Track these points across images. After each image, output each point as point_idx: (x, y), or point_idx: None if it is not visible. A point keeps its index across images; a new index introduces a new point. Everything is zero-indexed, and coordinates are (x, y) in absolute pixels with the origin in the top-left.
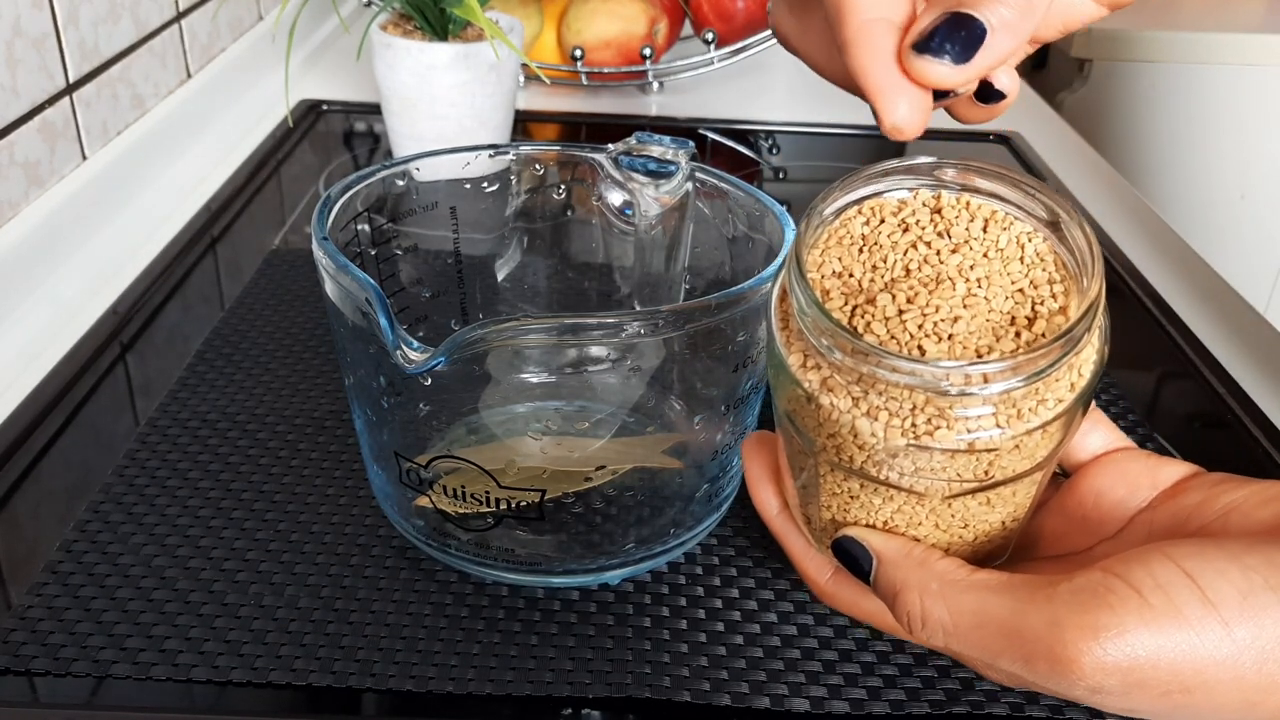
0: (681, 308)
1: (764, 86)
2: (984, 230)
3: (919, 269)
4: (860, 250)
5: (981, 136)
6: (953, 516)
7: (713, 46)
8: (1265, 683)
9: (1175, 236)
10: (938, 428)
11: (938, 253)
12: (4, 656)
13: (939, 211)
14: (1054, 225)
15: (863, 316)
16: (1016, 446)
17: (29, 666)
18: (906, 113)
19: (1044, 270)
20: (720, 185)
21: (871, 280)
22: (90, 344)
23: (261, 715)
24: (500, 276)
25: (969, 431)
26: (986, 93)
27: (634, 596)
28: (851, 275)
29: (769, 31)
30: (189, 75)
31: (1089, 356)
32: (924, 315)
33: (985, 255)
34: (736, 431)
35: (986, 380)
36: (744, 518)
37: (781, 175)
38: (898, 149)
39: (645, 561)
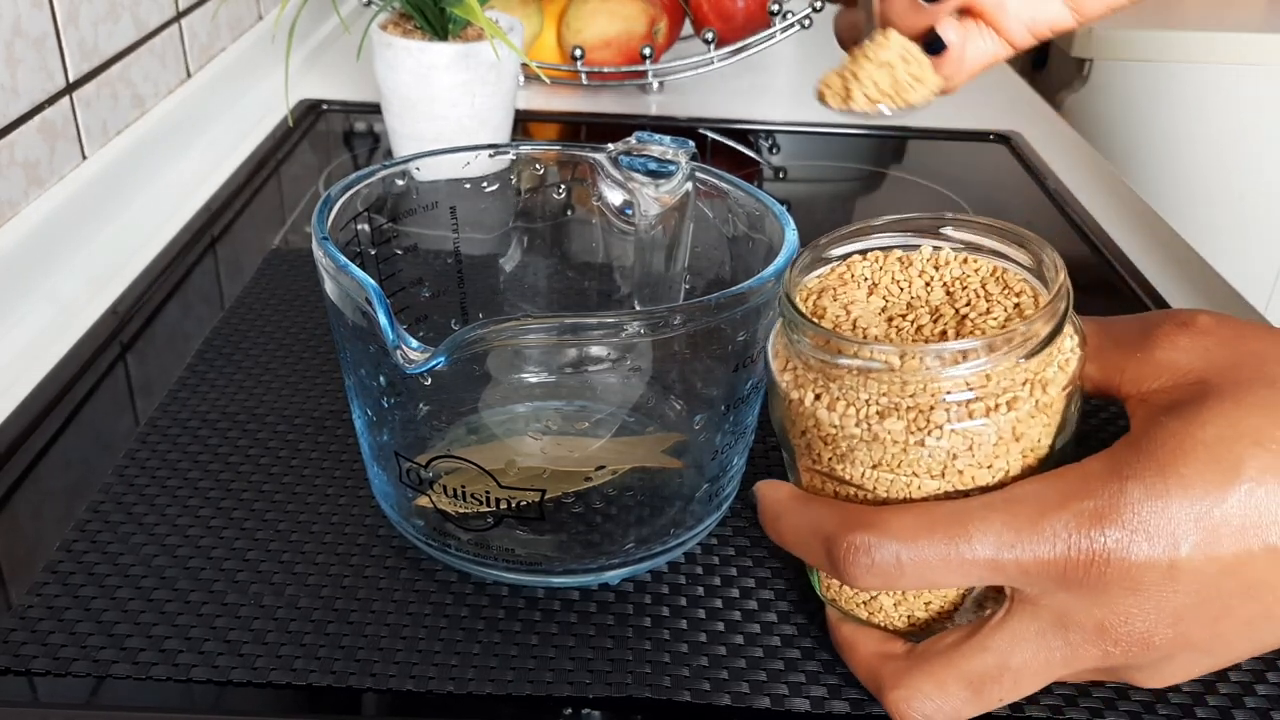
0: (681, 308)
1: (764, 86)
2: (979, 280)
3: (910, 303)
4: (859, 286)
5: (982, 137)
6: None
7: (713, 46)
8: None
9: (1175, 236)
10: (887, 416)
11: (927, 288)
12: (4, 656)
13: (937, 265)
14: (1038, 271)
15: (848, 325)
16: (969, 448)
17: (29, 666)
18: None
19: (1026, 302)
20: (720, 185)
21: (864, 306)
22: (90, 344)
23: (261, 715)
24: (500, 276)
25: (919, 427)
26: (931, 44)
27: (634, 596)
28: (844, 298)
29: (769, 31)
30: (189, 75)
31: (1052, 377)
32: (903, 325)
33: (973, 295)
34: (737, 431)
35: (922, 362)
36: (745, 517)
37: (781, 175)
38: (897, 150)
39: (645, 561)
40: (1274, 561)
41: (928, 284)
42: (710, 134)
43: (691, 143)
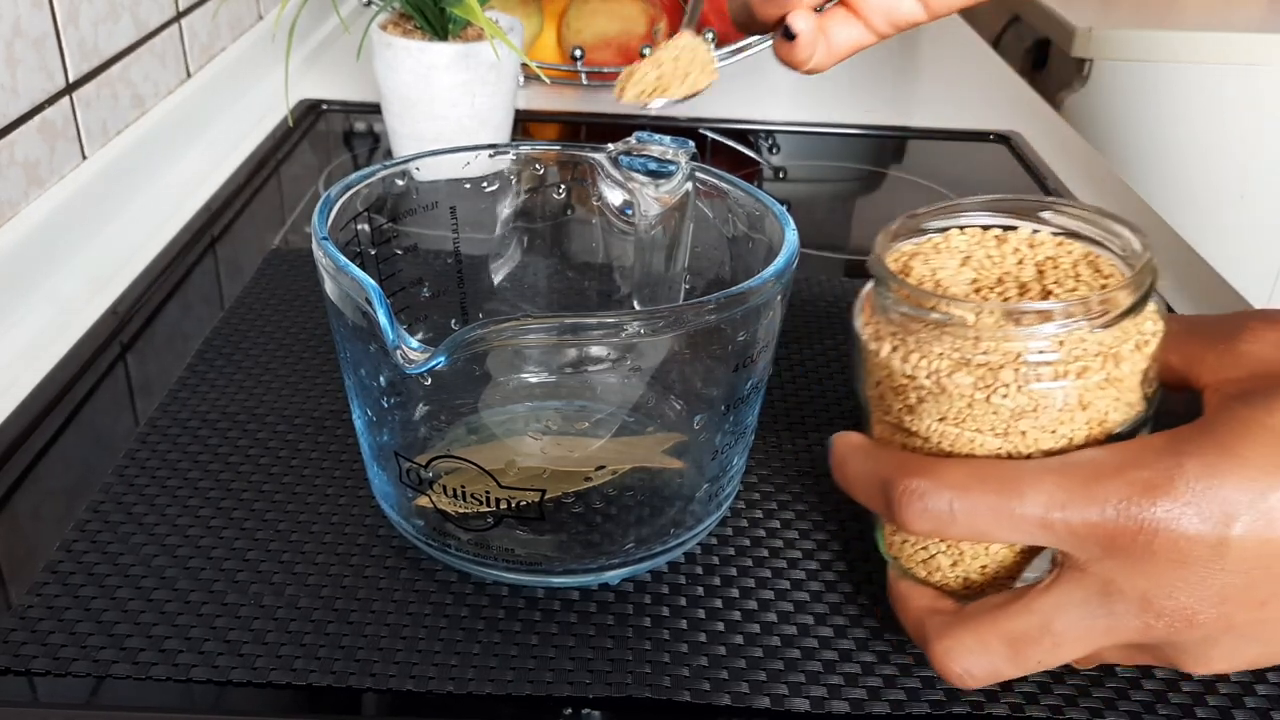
0: (681, 308)
1: (764, 86)
2: (1071, 262)
3: (1000, 278)
4: (952, 257)
5: (982, 137)
6: None
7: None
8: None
9: (1175, 236)
10: (957, 370)
11: (1019, 265)
12: (4, 656)
13: (1032, 245)
14: (1130, 259)
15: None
16: (1034, 410)
17: (29, 666)
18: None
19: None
20: (720, 185)
21: (954, 274)
22: (90, 344)
23: (261, 715)
24: (500, 276)
25: (986, 384)
26: (787, 32)
27: (634, 596)
28: (935, 263)
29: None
30: (189, 75)
31: (1127, 354)
32: (989, 296)
33: (1062, 275)
34: (737, 431)
35: (997, 320)
36: (745, 517)
37: (781, 175)
38: (897, 150)
39: (645, 561)
40: None
41: (1020, 262)
42: (710, 134)
43: (691, 143)
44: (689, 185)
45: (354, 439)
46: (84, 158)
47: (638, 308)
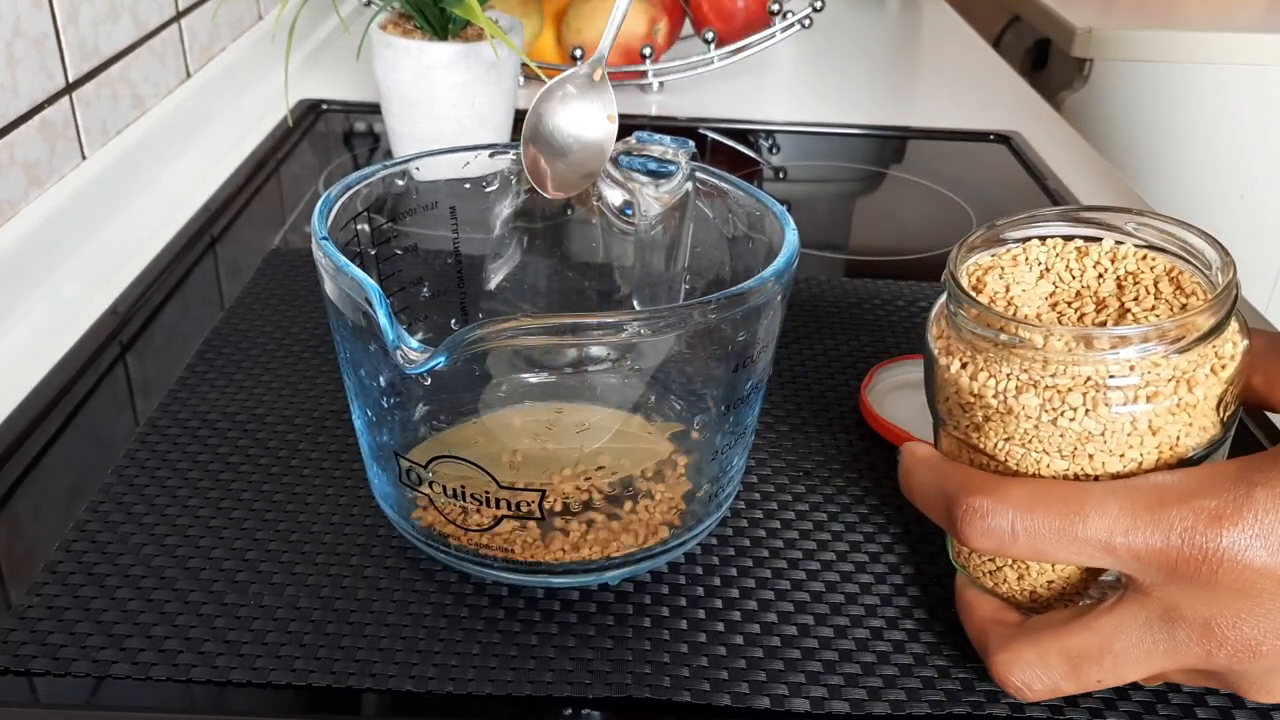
0: (681, 308)
1: (764, 86)
2: (1153, 277)
3: (1079, 292)
4: (1030, 269)
5: (982, 137)
6: None
7: (713, 46)
8: None
9: None
10: (1024, 391)
11: (1099, 279)
12: (4, 656)
13: (1114, 259)
14: (1213, 276)
15: (1008, 307)
16: (1102, 434)
17: (29, 666)
18: None
19: (1195, 305)
20: (720, 185)
21: (1032, 288)
22: (90, 344)
23: (261, 715)
24: (500, 276)
25: (1053, 407)
26: None
27: (634, 596)
28: (1010, 278)
29: (769, 31)
30: (189, 75)
31: (1201, 378)
32: (1066, 312)
33: (1142, 291)
34: (737, 432)
35: (1065, 344)
36: (745, 517)
37: (781, 175)
38: (898, 150)
39: (645, 561)
40: None
41: (1100, 275)
42: (710, 134)
43: (691, 143)
44: (689, 185)
45: (354, 439)
46: (84, 158)
47: (638, 308)
